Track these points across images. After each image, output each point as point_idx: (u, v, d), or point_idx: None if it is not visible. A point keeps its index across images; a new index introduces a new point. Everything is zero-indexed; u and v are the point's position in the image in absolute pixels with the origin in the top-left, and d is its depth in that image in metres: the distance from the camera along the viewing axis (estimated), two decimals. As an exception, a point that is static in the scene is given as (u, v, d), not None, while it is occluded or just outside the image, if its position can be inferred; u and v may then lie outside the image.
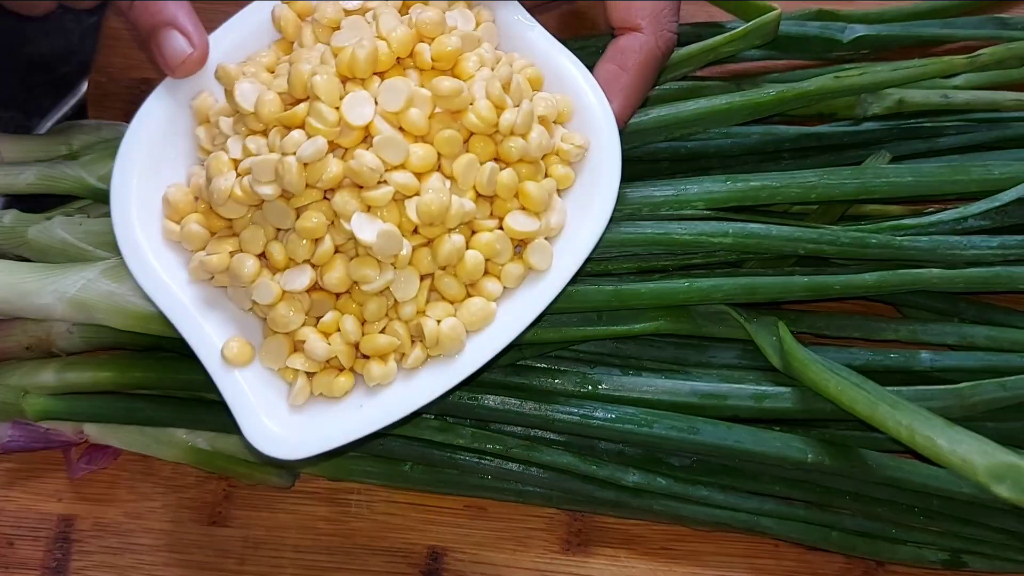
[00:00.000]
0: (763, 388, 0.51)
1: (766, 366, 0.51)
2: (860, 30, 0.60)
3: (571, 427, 0.50)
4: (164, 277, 0.47)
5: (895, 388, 0.48)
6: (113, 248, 0.53)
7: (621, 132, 0.48)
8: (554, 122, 0.48)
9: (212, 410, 0.52)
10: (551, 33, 0.50)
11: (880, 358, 0.52)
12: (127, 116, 0.62)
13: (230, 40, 0.50)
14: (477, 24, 0.49)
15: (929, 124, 0.58)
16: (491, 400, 0.50)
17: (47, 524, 0.52)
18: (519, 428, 0.51)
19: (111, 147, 0.56)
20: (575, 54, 0.50)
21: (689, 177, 0.53)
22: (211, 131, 0.49)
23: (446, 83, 0.45)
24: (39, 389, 0.52)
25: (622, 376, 0.51)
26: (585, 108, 0.48)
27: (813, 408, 0.50)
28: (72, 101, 0.64)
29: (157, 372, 0.52)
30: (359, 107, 0.44)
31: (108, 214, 0.56)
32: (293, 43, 0.49)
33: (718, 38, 0.54)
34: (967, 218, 0.53)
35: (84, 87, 0.64)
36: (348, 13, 0.48)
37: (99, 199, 0.55)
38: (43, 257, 0.53)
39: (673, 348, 0.53)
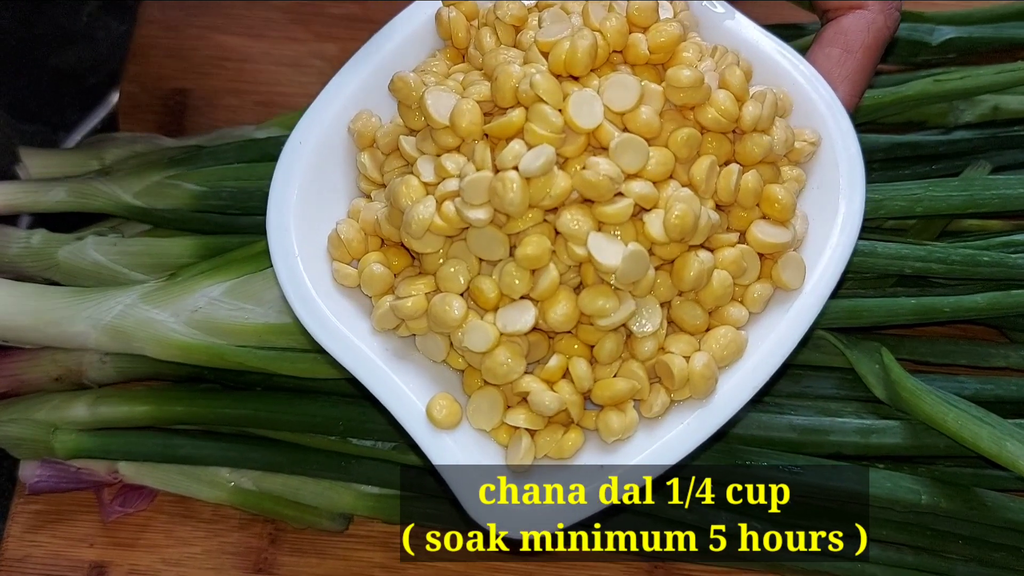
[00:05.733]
0: (868, 422, 0.46)
1: (866, 397, 0.47)
2: (949, 32, 0.57)
3: (655, 465, 0.46)
4: (346, 331, 0.41)
5: (1014, 421, 0.45)
6: (151, 270, 0.50)
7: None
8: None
9: (258, 447, 0.49)
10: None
11: (990, 387, 0.48)
12: (161, 128, 0.60)
13: (384, 53, 0.44)
14: (675, 13, 0.44)
15: (1027, 133, 0.55)
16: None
17: (78, 572, 0.49)
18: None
19: (146, 162, 0.54)
20: None
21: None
22: (377, 156, 0.43)
23: (686, 73, 0.40)
24: (70, 424, 0.49)
25: (710, 409, 0.47)
26: (805, 100, 0.43)
27: (926, 444, 0.46)
28: (102, 113, 0.62)
29: (198, 406, 0.49)
30: (587, 107, 0.39)
31: (144, 234, 0.53)
32: (463, 50, 0.44)
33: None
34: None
35: (114, 98, 0.62)
36: (528, 12, 0.43)
37: (134, 217, 0.53)
38: (74, 280, 0.51)
39: (764, 377, 0.48)
